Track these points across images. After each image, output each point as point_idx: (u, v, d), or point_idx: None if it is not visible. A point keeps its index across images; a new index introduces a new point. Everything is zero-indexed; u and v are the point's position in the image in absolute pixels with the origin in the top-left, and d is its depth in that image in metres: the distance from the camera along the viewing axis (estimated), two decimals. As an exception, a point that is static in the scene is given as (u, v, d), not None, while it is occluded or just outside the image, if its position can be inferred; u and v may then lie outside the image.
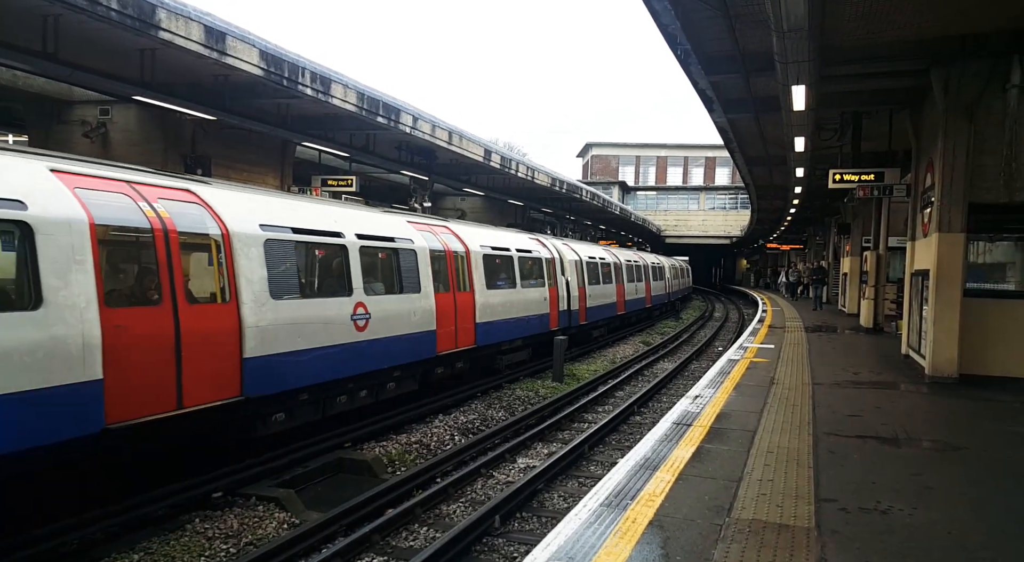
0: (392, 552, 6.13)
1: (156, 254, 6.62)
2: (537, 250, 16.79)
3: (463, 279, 12.69)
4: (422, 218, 13.10)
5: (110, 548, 5.92)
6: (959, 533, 4.55)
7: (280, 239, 8.17)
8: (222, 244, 7.37)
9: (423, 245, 11.38)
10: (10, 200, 5.42)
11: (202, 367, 6.87)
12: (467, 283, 12.80)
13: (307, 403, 8.61)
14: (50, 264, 5.55)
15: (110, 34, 9.93)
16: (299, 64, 12.55)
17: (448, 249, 12.29)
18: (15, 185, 5.54)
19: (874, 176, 13.86)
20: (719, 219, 63.29)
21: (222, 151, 15.54)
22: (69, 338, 5.56)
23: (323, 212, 9.48)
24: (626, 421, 11.23)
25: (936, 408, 8.76)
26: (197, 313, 6.99)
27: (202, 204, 7.42)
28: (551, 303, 16.80)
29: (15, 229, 5.43)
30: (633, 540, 4.27)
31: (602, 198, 37.70)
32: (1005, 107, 9.93)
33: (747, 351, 13.57)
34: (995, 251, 11.32)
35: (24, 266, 5.50)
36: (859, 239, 22.60)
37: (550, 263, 17.26)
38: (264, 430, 8.02)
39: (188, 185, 7.59)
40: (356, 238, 9.58)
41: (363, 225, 10.07)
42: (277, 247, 8.10)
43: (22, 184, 5.60)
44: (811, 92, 10.40)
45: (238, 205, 7.90)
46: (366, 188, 22.23)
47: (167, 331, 6.53)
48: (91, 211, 6.00)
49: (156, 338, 6.42)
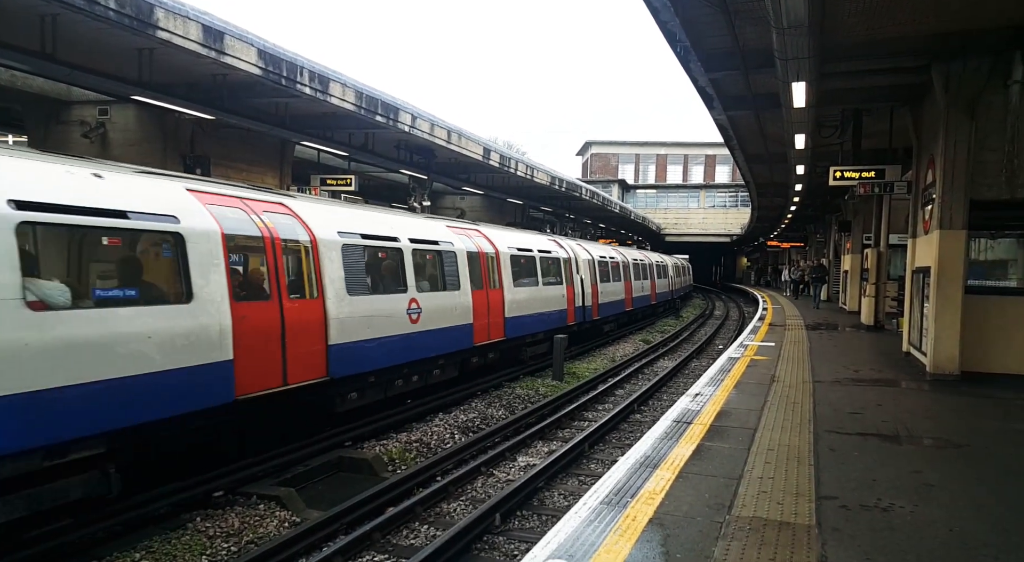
0: (393, 550, 6.12)
1: (266, 258, 8.00)
2: (555, 250, 17.93)
3: (493, 277, 13.90)
4: (458, 223, 14.36)
5: (111, 547, 5.92)
6: (960, 530, 4.54)
7: (353, 244, 9.47)
8: (311, 249, 8.68)
9: (461, 247, 12.63)
10: (168, 216, 6.75)
11: (300, 351, 8.18)
12: (497, 281, 14.01)
13: (374, 385, 10.00)
14: (196, 267, 6.87)
15: (108, 34, 9.91)
16: (297, 63, 12.53)
17: (481, 250, 13.52)
18: (170, 203, 6.91)
19: (875, 173, 13.84)
20: (719, 217, 63.26)
21: (221, 150, 15.53)
22: (210, 326, 6.93)
23: (382, 219, 11.02)
24: (626, 419, 11.22)
25: (937, 405, 8.75)
26: (295, 307, 8.27)
27: (294, 215, 8.75)
28: (568, 300, 17.95)
29: (172, 239, 6.78)
30: (633, 538, 4.26)
31: (601, 196, 37.68)
32: (1006, 103, 9.92)
33: (748, 349, 13.56)
34: (997, 248, 11.30)
35: (178, 269, 6.80)
36: (860, 236, 22.58)
37: (567, 263, 18.39)
38: (342, 406, 9.33)
39: (282, 199, 9.02)
40: (409, 242, 10.93)
41: (413, 230, 11.42)
42: (351, 251, 9.38)
43: (174, 202, 6.95)
44: (811, 89, 10.38)
45: (320, 215, 9.22)
46: (365, 187, 22.21)
47: (275, 321, 7.88)
48: (221, 223, 7.31)
49: (268, 327, 7.76)
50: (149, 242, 6.90)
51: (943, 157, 10.31)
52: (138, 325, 6.20)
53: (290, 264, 8.56)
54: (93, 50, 10.84)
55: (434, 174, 20.99)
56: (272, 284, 7.98)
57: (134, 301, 6.34)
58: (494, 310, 13.70)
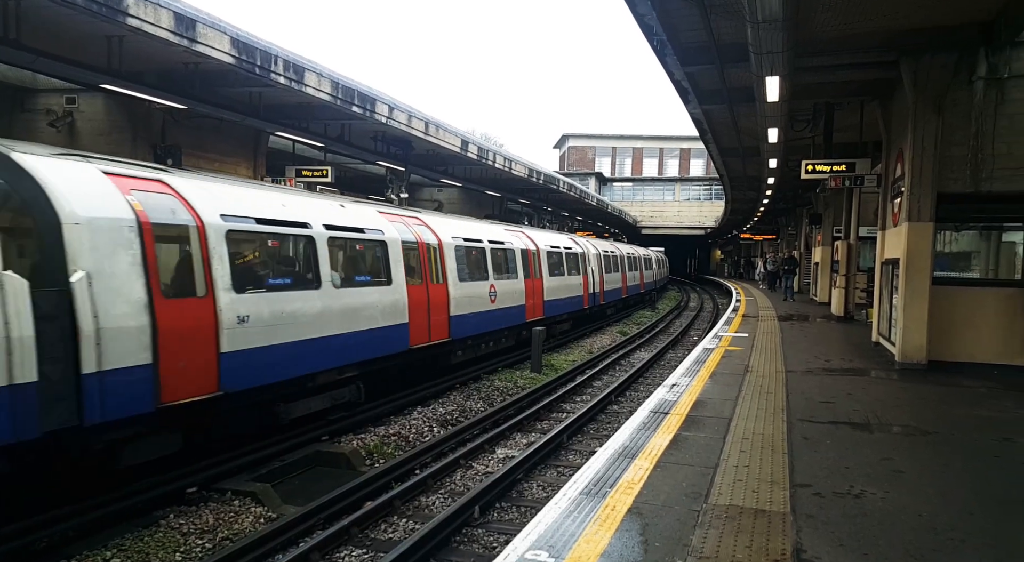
0: (371, 544, 6.11)
1: (420, 256, 11.90)
2: (575, 247, 22.02)
3: (536, 269, 17.53)
4: (513, 226, 18.54)
5: (82, 545, 5.82)
6: (929, 515, 4.66)
7: (461, 245, 13.32)
8: (438, 249, 12.54)
9: (518, 245, 16.64)
10: (376, 229, 10.72)
11: (436, 319, 12.12)
12: (539, 272, 17.71)
13: (471, 347, 13.78)
14: (392, 262, 10.81)
15: (76, 19, 9.66)
16: (271, 52, 12.34)
17: (527, 248, 17.25)
18: (375, 220, 10.94)
19: (846, 167, 14.04)
20: (694, 210, 63.82)
21: (193, 141, 15.26)
22: (399, 300, 10.86)
23: (471, 225, 14.96)
24: (604, 410, 11.30)
25: (906, 394, 8.94)
26: (434, 289, 12.17)
27: (426, 226, 12.58)
28: (584, 288, 22.21)
29: (378, 245, 10.76)
30: (613, 527, 4.30)
31: (579, 189, 37.77)
32: (972, 99, 10.14)
33: (722, 340, 13.72)
34: (961, 240, 11.58)
35: (381, 262, 10.75)
36: (830, 229, 22.92)
37: (583, 257, 22.47)
38: (454, 360, 13.16)
39: (418, 214, 12.93)
40: (488, 242, 14.80)
41: (489, 233, 15.37)
42: (459, 250, 13.22)
43: (374, 221, 10.88)
44: (785, 83, 10.50)
45: (444, 224, 13.37)
46: (342, 179, 21.98)
47: (424, 298, 11.75)
48: (395, 232, 11.19)
49: (422, 301, 11.64)
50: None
51: (911, 151, 10.50)
52: (375, 298, 10.18)
53: (429, 259, 12.06)
54: (60, 36, 10.56)
55: (412, 166, 20.84)
56: (424, 273, 12.04)
57: (371, 283, 10.47)
58: (536, 295, 17.09)
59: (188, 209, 7.31)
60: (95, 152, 7.55)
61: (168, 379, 6.62)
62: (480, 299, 13.80)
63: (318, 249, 9.12)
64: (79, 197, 6.15)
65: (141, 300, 6.43)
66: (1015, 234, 11.09)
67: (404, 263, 11.15)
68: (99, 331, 6.00)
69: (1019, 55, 10.10)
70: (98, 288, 6.05)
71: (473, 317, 13.44)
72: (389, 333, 10.58)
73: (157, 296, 6.59)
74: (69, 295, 5.89)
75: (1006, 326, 10.39)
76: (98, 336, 5.99)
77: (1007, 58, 9.97)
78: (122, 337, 6.20)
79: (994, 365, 10.32)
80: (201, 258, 7.28)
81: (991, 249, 11.50)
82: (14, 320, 5.36)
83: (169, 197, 7.21)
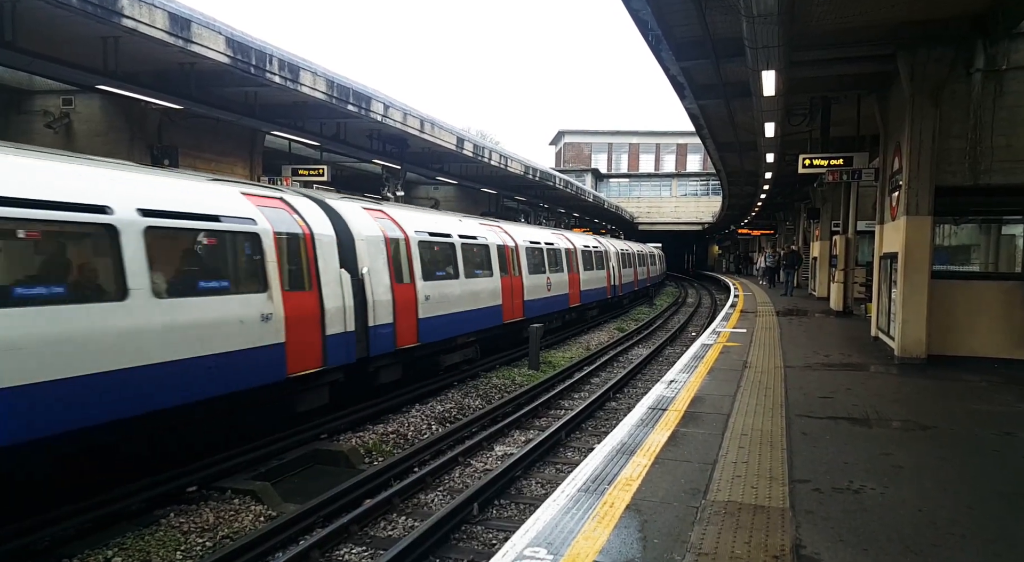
0: (371, 542, 6.11)
1: (507, 256, 16.01)
2: (601, 246, 26.62)
3: (575, 265, 22.07)
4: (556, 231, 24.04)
5: (83, 545, 5.82)
6: (929, 510, 4.66)
7: (528, 246, 17.74)
8: (515, 250, 16.70)
9: (566, 245, 21.44)
10: (483, 237, 14.92)
11: (514, 303, 16.10)
12: (577, 268, 22.25)
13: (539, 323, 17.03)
14: (493, 259, 15.21)
15: (71, 21, 9.63)
16: (266, 51, 12.31)
17: (569, 248, 21.71)
18: (480, 230, 14.97)
19: (843, 161, 14.02)
20: (691, 206, 63.76)
21: (190, 141, 15.23)
22: (497, 287, 15.05)
23: (533, 231, 19.90)
24: (602, 407, 11.30)
25: (905, 388, 8.94)
26: (515, 280, 16.35)
27: (503, 231, 16.67)
28: (607, 280, 26.66)
29: (484, 248, 14.77)
30: (611, 524, 4.30)
31: (575, 186, 37.72)
32: (969, 91, 10.12)
33: (720, 336, 13.72)
34: (960, 234, 11.57)
35: (486, 260, 14.91)
36: (828, 224, 22.92)
37: (607, 254, 27.13)
38: (524, 334, 15.90)
39: (497, 223, 17.29)
40: (544, 244, 19.34)
41: (547, 237, 20.16)
42: (527, 250, 17.61)
43: (480, 230, 14.85)
44: (781, 77, 10.47)
45: (515, 230, 17.74)
46: (338, 178, 21.95)
47: (509, 286, 15.83)
48: (496, 237, 15.56)
49: (508, 288, 15.68)
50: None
51: (909, 145, 10.48)
52: (484, 285, 14.43)
53: (507, 258, 16.18)
54: (55, 38, 10.53)
55: (407, 164, 20.82)
56: (509, 267, 16.40)
57: (482, 275, 14.71)
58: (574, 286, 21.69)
59: (400, 229, 11.53)
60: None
61: (399, 333, 10.92)
62: (541, 287, 18.56)
63: (456, 251, 13.35)
64: (360, 225, 10.41)
65: (387, 285, 10.67)
66: (1015, 227, 11.08)
67: (499, 260, 15.55)
68: (375, 302, 10.24)
69: (1017, 47, 10.08)
70: (371, 278, 10.25)
71: (539, 301, 18.27)
72: (492, 311, 14.85)
73: (393, 282, 10.83)
74: (361, 281, 10.01)
75: (1006, 319, 10.39)
76: (374, 305, 10.22)
77: (1005, 50, 9.96)
78: (381, 307, 10.43)
79: (994, 359, 10.32)
80: (407, 258, 11.49)
81: (990, 242, 11.49)
82: (347, 297, 9.51)
83: (391, 222, 11.45)
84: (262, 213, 8.47)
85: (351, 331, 9.62)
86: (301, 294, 8.80)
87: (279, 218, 8.78)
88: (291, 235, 8.89)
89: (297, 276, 8.87)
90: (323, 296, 9.13)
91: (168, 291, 6.95)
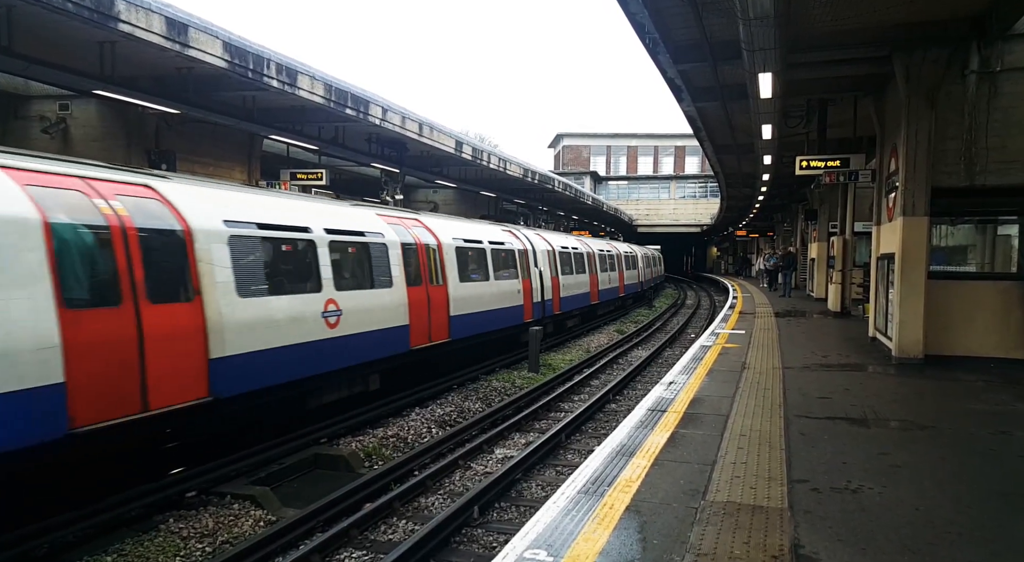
0: (371, 546, 6.11)
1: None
2: (613, 250, 29.11)
3: (593, 266, 24.37)
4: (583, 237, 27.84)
5: (82, 551, 5.82)
6: (927, 510, 4.67)
7: (556, 250, 19.83)
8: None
9: (587, 249, 24.06)
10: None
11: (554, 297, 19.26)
12: (595, 269, 24.59)
13: (567, 319, 20.95)
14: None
15: (68, 26, 9.64)
16: (264, 55, 12.34)
17: (588, 251, 24.13)
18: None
19: (840, 162, 14.07)
20: (689, 208, 63.83)
21: (187, 145, 15.24)
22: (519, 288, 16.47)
23: (558, 236, 22.43)
24: (602, 409, 11.31)
25: (903, 389, 8.96)
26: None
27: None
28: (620, 280, 29.43)
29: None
30: (611, 526, 4.31)
31: (574, 188, 37.77)
32: (964, 93, 10.15)
33: (719, 337, 13.74)
34: (956, 234, 11.60)
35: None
36: (826, 225, 22.95)
37: (619, 257, 29.89)
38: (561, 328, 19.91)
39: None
40: (571, 250, 21.62)
41: (569, 241, 22.64)
42: (559, 255, 19.89)
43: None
44: (778, 80, 10.50)
45: (536, 237, 18.89)
46: (337, 182, 21.97)
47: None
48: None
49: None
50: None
51: (905, 146, 10.52)
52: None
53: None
54: (52, 43, 10.55)
55: (406, 167, 20.84)
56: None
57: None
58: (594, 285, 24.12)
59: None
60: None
61: (528, 309, 16.28)
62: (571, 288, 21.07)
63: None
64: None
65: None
66: (1010, 227, 11.12)
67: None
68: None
69: (1012, 49, 10.13)
70: (541, 273, 16.52)
71: (570, 299, 20.89)
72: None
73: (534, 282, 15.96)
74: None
75: (1002, 319, 10.42)
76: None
77: (1000, 51, 9.99)
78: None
79: (991, 359, 10.35)
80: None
81: (987, 243, 11.52)
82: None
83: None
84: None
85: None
86: (527, 280, 16.96)
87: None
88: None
89: (519, 271, 16.68)
90: (545, 279, 18.09)
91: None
